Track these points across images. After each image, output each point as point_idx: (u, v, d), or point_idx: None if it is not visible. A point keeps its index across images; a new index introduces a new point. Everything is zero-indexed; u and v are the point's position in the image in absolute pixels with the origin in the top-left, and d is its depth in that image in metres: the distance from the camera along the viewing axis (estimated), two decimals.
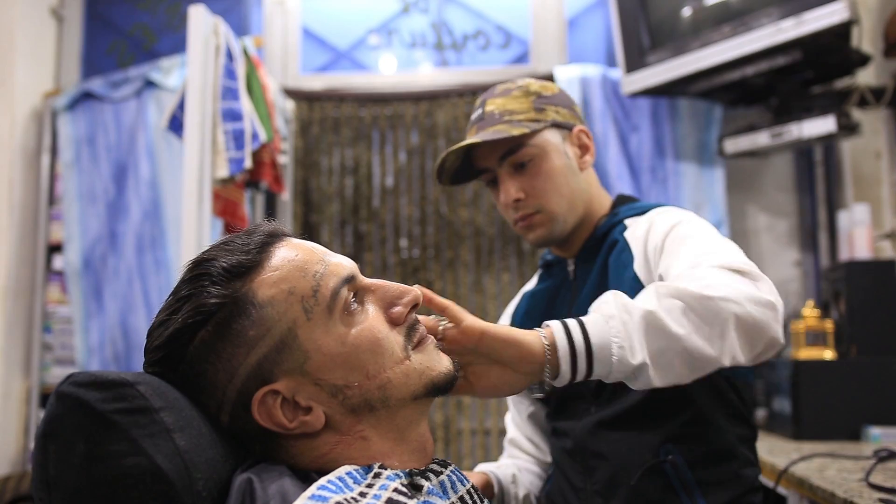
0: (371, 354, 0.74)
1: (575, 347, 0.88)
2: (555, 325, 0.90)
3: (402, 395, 0.75)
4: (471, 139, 1.23)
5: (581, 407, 1.24)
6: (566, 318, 1.25)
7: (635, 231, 1.22)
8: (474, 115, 1.28)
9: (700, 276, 0.96)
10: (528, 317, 1.37)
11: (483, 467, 1.31)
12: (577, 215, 1.27)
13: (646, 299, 0.92)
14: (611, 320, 0.89)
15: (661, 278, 1.11)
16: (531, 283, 1.47)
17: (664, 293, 0.92)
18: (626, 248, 1.21)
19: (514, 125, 1.22)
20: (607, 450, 1.18)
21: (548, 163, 1.23)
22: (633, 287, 1.13)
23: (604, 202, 1.32)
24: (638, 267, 1.17)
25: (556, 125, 1.25)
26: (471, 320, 0.87)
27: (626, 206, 1.30)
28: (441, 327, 0.86)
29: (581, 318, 0.91)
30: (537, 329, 0.91)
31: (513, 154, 1.23)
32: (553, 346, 0.88)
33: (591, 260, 1.28)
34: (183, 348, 0.72)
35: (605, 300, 0.93)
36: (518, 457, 1.41)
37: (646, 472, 1.14)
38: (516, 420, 1.44)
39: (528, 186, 1.24)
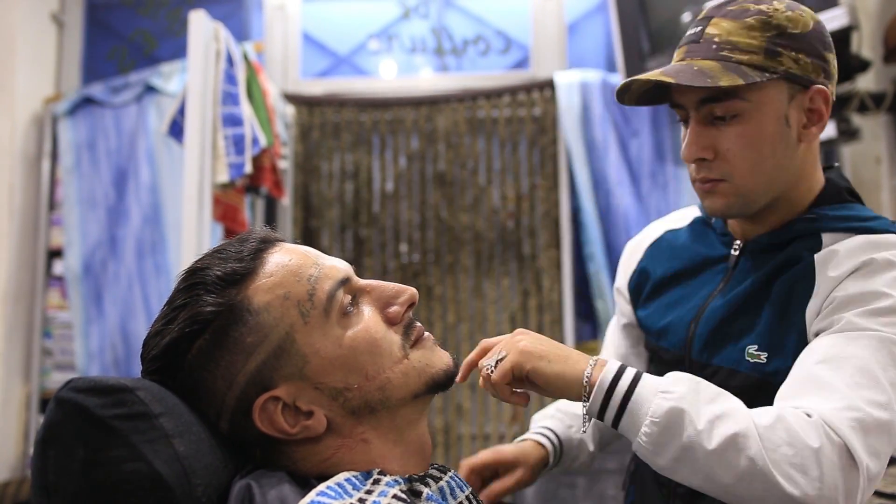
0: (369, 355, 0.74)
1: (613, 396, 0.83)
2: (610, 365, 0.85)
3: (402, 395, 0.75)
4: (667, 70, 0.96)
5: None
6: (699, 307, 1.07)
7: (835, 264, 0.93)
8: (691, 31, 1.00)
9: (800, 441, 0.78)
10: (670, 274, 1.15)
11: (531, 434, 1.19)
12: (773, 196, 1.00)
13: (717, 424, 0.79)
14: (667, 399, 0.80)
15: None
16: (677, 221, 1.21)
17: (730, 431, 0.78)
18: (810, 275, 0.95)
19: (730, 68, 0.93)
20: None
21: (757, 125, 0.95)
22: (795, 330, 0.94)
23: (813, 186, 1.03)
24: (811, 309, 0.94)
25: (790, 78, 0.95)
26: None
27: (833, 208, 1.02)
28: (487, 366, 0.88)
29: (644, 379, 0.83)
30: (590, 363, 0.86)
31: (716, 102, 0.96)
32: (591, 386, 0.84)
33: (761, 259, 1.03)
34: (180, 358, 0.72)
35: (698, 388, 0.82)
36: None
37: None
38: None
39: (721, 146, 0.97)
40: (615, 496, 2.43)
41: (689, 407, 0.80)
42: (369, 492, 0.68)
